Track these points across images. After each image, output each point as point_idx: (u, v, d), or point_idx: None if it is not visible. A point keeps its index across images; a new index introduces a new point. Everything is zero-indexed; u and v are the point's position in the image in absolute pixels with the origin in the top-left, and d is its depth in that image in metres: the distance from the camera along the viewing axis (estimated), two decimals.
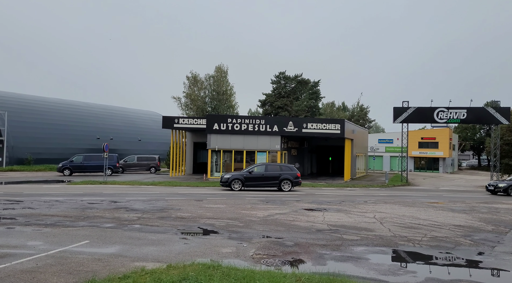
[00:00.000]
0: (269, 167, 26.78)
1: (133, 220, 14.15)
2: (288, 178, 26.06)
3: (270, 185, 26.18)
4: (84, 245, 10.35)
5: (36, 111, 48.39)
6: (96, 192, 23.43)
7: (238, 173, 26.88)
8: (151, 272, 7.71)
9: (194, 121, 38.02)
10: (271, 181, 26.08)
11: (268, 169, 26.48)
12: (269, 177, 26.10)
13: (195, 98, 63.12)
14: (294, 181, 26.16)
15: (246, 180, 25.93)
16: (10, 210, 16.05)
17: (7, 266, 8.31)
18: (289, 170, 26.57)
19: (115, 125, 57.25)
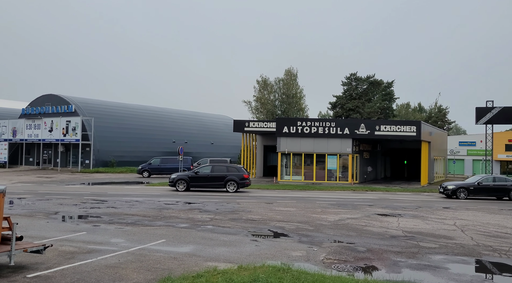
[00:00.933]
0: (215, 167, 26.37)
1: (206, 221, 14.60)
2: (233, 179, 25.55)
3: (215, 186, 25.80)
4: (161, 244, 10.87)
5: (118, 117, 51.88)
6: (171, 193, 24.53)
7: (184, 173, 26.95)
8: (222, 272, 7.91)
9: (264, 124, 38.42)
10: (217, 181, 25.69)
11: (214, 169, 26.10)
12: (214, 178, 25.72)
13: (265, 102, 63.80)
14: (240, 182, 25.60)
15: (191, 180, 25.72)
16: (96, 208, 17.35)
17: (93, 261, 8.98)
18: (236, 171, 26.03)
19: (189, 129, 59.64)
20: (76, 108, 47.78)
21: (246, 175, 26.11)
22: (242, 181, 25.76)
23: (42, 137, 48.17)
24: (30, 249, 8.39)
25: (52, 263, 8.69)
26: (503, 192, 25.15)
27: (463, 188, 25.15)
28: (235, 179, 25.58)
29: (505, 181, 25.72)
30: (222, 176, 25.72)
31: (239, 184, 25.60)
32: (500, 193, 25.23)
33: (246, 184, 26.05)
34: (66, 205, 18.22)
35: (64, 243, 10.55)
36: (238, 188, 25.65)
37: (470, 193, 25.07)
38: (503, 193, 25.17)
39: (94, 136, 46.37)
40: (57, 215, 15.49)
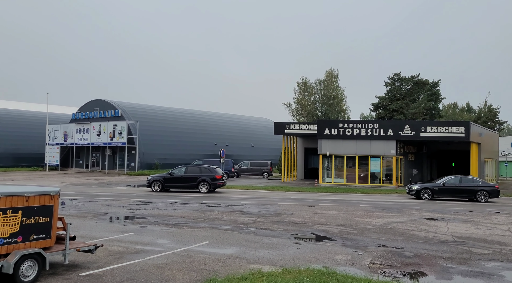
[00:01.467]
0: (189, 168, 26.94)
1: (249, 223, 14.68)
2: (205, 180, 25.84)
3: (188, 186, 26.10)
4: (205, 245, 11.04)
5: (162, 121, 53.25)
6: (213, 195, 24.84)
7: (160, 174, 27.56)
8: (267, 275, 7.91)
9: (305, 127, 38.18)
10: (190, 182, 26.02)
11: (187, 170, 26.60)
12: (187, 178, 26.09)
13: (305, 104, 63.40)
14: (212, 183, 25.86)
15: (166, 181, 26.19)
16: (142, 210, 17.87)
17: (141, 261, 9.24)
18: (208, 172, 26.34)
19: (230, 132, 60.27)
20: (122, 112, 49.49)
21: (218, 175, 26.42)
22: (214, 181, 26.08)
23: (90, 141, 50.23)
24: (83, 248, 8.76)
25: (102, 263, 9.03)
26: (469, 193, 24.30)
27: (427, 188, 24.59)
28: (207, 180, 25.96)
29: (472, 181, 24.80)
30: (195, 176, 26.18)
31: (211, 185, 25.96)
32: (466, 194, 24.42)
33: (218, 185, 26.38)
34: (113, 206, 18.89)
35: (113, 243, 10.93)
36: (210, 188, 25.97)
37: (434, 193, 24.49)
38: (469, 194, 24.34)
39: (139, 140, 47.81)
40: (105, 216, 16.08)
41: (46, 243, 7.99)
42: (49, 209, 8.09)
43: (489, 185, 24.86)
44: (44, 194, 8.03)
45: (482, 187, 24.28)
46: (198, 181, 25.97)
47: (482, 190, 24.11)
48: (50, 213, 8.09)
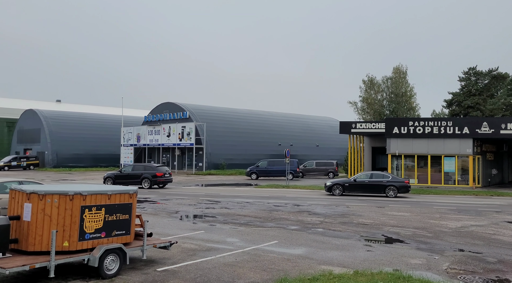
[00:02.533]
0: (135, 166, 30.57)
1: (316, 224, 14.54)
2: (147, 177, 28.23)
3: (134, 183, 28.02)
4: (274, 245, 11.10)
5: (227, 121, 54.45)
6: (280, 195, 24.93)
7: (112, 172, 30.76)
8: (338, 276, 7.78)
9: (372, 125, 37.08)
10: (134, 179, 28.45)
11: (134, 168, 30.09)
12: (132, 176, 28.78)
13: (371, 102, 61.56)
14: (153, 180, 28.22)
15: (116, 178, 28.91)
16: (211, 209, 18.38)
17: (212, 259, 9.50)
18: (151, 170, 29.02)
19: (294, 132, 60.13)
20: (190, 114, 51.27)
21: (159, 173, 28.69)
22: (155, 178, 28.44)
23: (161, 142, 52.61)
24: (159, 245, 9.18)
25: (177, 259, 9.40)
26: (379, 188, 24.53)
27: (338, 184, 25.11)
28: (148, 177, 28.33)
29: (382, 177, 25.05)
30: (139, 174, 28.88)
31: (152, 181, 28.34)
32: (375, 189, 24.67)
33: (158, 182, 28.55)
34: (184, 205, 19.62)
35: (185, 241, 11.35)
36: (152, 184, 28.32)
37: (345, 189, 24.96)
38: (378, 189, 24.56)
39: (206, 141, 49.24)
40: (177, 214, 16.74)
41: (126, 239, 8.47)
42: (129, 207, 8.57)
43: (398, 180, 24.96)
44: (124, 192, 8.52)
45: (391, 182, 24.43)
46: (142, 178, 28.67)
47: (391, 185, 24.32)
48: (129, 210, 8.58)
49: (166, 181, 29.14)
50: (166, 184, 29.57)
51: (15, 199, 7.84)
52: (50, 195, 7.55)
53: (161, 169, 29.13)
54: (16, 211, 7.75)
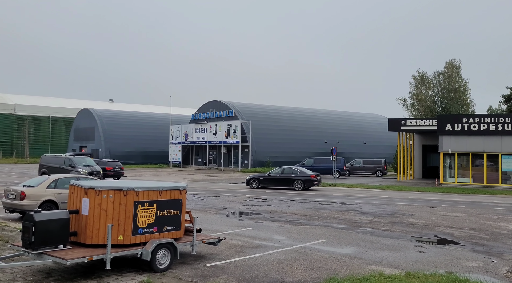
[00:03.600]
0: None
1: (364, 223, 14.25)
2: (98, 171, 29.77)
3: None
4: (321, 244, 10.99)
5: (273, 119, 54.45)
6: (326, 193, 24.63)
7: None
8: (389, 277, 7.58)
9: (423, 122, 35.73)
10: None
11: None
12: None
13: (422, 98, 59.34)
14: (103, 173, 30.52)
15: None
16: (257, 206, 18.48)
17: (260, 256, 9.56)
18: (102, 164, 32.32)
19: (340, 129, 59.16)
20: (236, 112, 51.77)
21: (108, 167, 32.78)
22: (105, 172, 31.40)
23: (208, 140, 53.53)
24: (208, 240, 9.36)
25: (225, 255, 9.54)
26: (288, 182, 26.45)
27: (255, 178, 27.18)
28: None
29: (292, 172, 27.06)
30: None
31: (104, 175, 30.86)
32: (285, 183, 26.58)
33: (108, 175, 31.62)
34: (231, 202, 19.86)
35: (233, 237, 11.48)
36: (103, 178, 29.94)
37: (260, 183, 26.89)
38: (288, 183, 26.48)
39: (251, 138, 49.55)
40: (224, 211, 16.98)
41: (176, 234, 8.70)
42: (179, 203, 8.79)
43: (305, 174, 26.63)
44: (174, 189, 8.75)
45: (298, 176, 26.32)
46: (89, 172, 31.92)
47: (298, 179, 26.20)
48: (179, 206, 8.79)
49: (116, 174, 33.26)
50: (119, 177, 33.53)
51: (74, 194, 8.26)
52: (105, 191, 7.89)
53: (111, 164, 34.00)
54: (75, 205, 8.16)
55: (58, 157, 30.92)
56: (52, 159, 31.27)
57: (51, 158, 31.59)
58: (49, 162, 30.91)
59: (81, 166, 28.52)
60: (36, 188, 13.87)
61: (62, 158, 30.04)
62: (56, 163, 29.83)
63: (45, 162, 31.36)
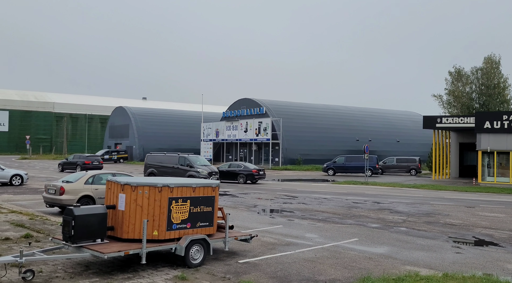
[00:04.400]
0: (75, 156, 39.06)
1: (398, 223, 13.96)
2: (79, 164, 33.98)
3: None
4: (354, 243, 10.85)
5: (303, 117, 54.13)
6: (358, 192, 24.29)
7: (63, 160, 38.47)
8: (426, 278, 7.39)
9: (460, 120, 34.59)
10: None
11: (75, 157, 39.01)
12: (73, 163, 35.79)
13: (459, 95, 57.39)
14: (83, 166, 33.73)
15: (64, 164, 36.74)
16: (289, 204, 18.43)
17: (292, 253, 9.53)
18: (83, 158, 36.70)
19: (373, 127, 58.14)
20: (267, 110, 51.78)
21: (87, 161, 36.60)
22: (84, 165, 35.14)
23: (238, 137, 53.81)
24: (240, 237, 9.41)
25: (257, 252, 9.57)
26: (233, 176, 28.94)
27: (215, 172, 27.30)
28: (80, 164, 35.03)
29: (237, 167, 30.10)
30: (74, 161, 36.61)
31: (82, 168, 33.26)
32: (231, 177, 28.96)
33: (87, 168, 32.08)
34: (262, 199, 19.90)
35: (265, 234, 11.50)
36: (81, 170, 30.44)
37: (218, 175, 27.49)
38: (233, 177, 28.92)
39: (282, 136, 49.45)
40: (255, 208, 17.03)
41: (209, 230, 8.80)
42: (212, 200, 8.88)
43: (248, 169, 29.07)
44: (207, 186, 8.84)
45: (242, 171, 28.95)
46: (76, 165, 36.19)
47: (241, 173, 28.74)
48: (212, 203, 8.88)
49: (94, 167, 35.68)
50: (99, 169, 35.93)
51: (111, 190, 8.49)
52: (141, 187, 8.06)
53: (90, 158, 37.83)
54: (112, 200, 8.39)
55: (170, 156, 27.32)
56: (162, 157, 27.68)
57: (161, 157, 27.86)
58: (158, 160, 27.56)
59: (199, 166, 25.97)
60: (75, 183, 14.36)
61: (175, 157, 26.68)
62: (167, 162, 26.66)
63: (152, 161, 27.94)
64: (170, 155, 27.78)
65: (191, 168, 25.44)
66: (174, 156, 26.95)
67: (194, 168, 25.39)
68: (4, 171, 24.02)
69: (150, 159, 28.21)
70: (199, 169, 25.41)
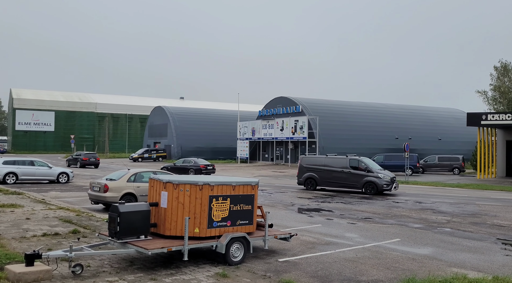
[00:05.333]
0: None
1: (442, 223, 13.51)
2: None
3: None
4: (396, 243, 10.59)
5: (340, 115, 53.36)
6: (398, 191, 23.67)
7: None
8: (474, 281, 7.12)
9: (507, 116, 33.02)
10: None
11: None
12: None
13: (505, 91, 54.94)
14: None
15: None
16: (327, 203, 18.24)
17: (332, 253, 9.42)
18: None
19: (413, 124, 56.54)
20: (303, 108, 51.43)
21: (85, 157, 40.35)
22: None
23: (274, 136, 53.76)
24: (279, 236, 9.40)
25: (296, 251, 9.53)
26: (185, 171, 32.90)
27: (165, 167, 31.96)
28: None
29: (189, 162, 34.52)
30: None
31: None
32: (183, 171, 32.54)
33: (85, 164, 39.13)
34: (299, 198, 19.80)
35: (303, 233, 11.43)
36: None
37: (169, 171, 29.67)
38: (185, 171, 32.75)
39: (318, 134, 48.96)
40: (293, 207, 16.96)
41: (249, 228, 8.83)
42: (251, 198, 8.91)
43: (196, 165, 33.81)
44: (246, 184, 8.88)
45: (192, 166, 33.77)
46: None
47: (191, 168, 33.43)
48: (251, 201, 8.91)
49: (92, 163, 40.30)
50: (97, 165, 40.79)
51: (153, 187, 8.69)
52: (182, 185, 8.20)
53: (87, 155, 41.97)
54: (155, 198, 8.58)
55: (336, 158, 23.35)
56: (324, 159, 23.63)
57: (322, 159, 23.92)
58: (319, 163, 23.45)
59: (379, 170, 22.18)
60: (118, 181, 14.81)
61: (343, 159, 22.73)
62: (333, 164, 22.72)
63: (310, 163, 23.78)
64: (335, 156, 23.77)
65: (369, 172, 21.65)
66: (342, 158, 23.02)
67: (374, 172, 21.62)
68: (51, 169, 25.10)
69: (307, 161, 24.04)
70: (381, 174, 21.62)
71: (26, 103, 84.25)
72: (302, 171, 23.80)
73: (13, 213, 13.39)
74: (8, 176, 23.49)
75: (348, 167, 22.23)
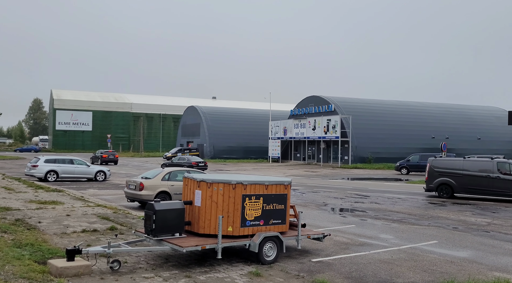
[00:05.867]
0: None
1: (482, 225, 13.04)
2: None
3: None
4: (433, 245, 10.30)
5: (374, 114, 52.40)
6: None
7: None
8: None
9: None
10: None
11: None
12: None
13: None
14: None
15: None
16: (360, 203, 17.96)
17: (366, 254, 9.27)
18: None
19: (451, 123, 54.85)
20: (335, 107, 50.84)
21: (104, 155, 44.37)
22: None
23: (306, 135, 53.43)
24: (313, 236, 9.33)
25: (330, 251, 9.43)
26: (180, 166, 31.19)
27: (164, 164, 35.20)
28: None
29: (183, 159, 37.18)
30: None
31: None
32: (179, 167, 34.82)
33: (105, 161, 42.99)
34: (332, 198, 19.59)
35: (337, 234, 11.31)
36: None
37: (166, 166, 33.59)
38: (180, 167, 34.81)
39: (351, 134, 48.28)
40: (326, 207, 16.80)
41: (281, 228, 8.81)
42: (284, 197, 8.89)
43: (189, 161, 36.14)
44: (279, 183, 8.86)
45: (185, 163, 35.52)
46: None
47: (184, 165, 34.52)
48: (284, 201, 8.89)
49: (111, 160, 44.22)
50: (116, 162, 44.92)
51: (188, 186, 8.81)
52: (216, 184, 8.28)
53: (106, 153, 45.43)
54: (189, 196, 8.70)
55: (478, 161, 20.12)
56: (461, 162, 19.92)
57: (459, 162, 20.16)
58: (454, 166, 19.93)
59: None
60: (152, 179, 15.12)
61: (489, 162, 19.25)
62: (474, 168, 19.33)
63: (443, 166, 20.27)
64: (476, 159, 20.81)
65: None
66: (486, 161, 19.60)
67: None
68: (89, 168, 25.94)
69: (439, 164, 20.56)
70: None
71: (66, 104, 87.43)
72: (433, 176, 20.50)
73: (54, 209, 13.93)
74: (49, 173, 24.45)
75: (495, 172, 19.13)
